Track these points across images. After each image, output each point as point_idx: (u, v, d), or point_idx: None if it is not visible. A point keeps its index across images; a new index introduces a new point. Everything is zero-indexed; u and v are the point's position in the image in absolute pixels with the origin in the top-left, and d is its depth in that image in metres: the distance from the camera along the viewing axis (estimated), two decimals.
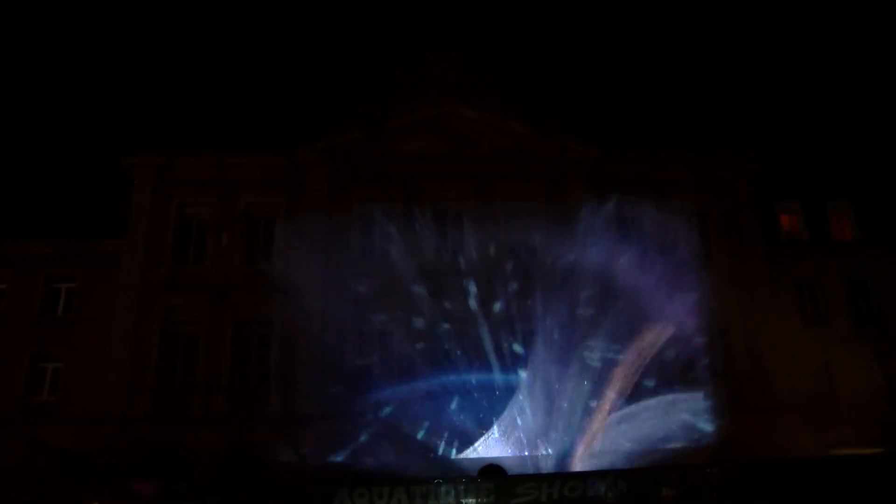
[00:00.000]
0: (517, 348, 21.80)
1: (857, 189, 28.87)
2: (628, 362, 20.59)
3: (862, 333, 25.57)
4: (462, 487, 15.47)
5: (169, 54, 59.34)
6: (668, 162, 26.99)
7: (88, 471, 17.75)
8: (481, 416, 21.22)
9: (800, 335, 24.95)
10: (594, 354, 21.03)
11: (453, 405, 21.43)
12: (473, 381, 21.74)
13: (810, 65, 57.38)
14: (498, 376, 21.57)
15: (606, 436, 20.59)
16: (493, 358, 21.72)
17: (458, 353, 22.03)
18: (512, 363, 21.67)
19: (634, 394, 20.99)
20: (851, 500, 15.44)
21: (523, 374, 21.16)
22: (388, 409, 21.05)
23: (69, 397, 23.79)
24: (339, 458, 19.80)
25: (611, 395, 20.35)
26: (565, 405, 20.42)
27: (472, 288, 22.57)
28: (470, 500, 15.23)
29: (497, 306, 22.48)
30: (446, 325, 22.44)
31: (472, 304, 22.38)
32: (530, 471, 19.16)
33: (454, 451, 20.63)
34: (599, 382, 20.99)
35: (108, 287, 24.76)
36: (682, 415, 20.96)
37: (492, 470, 18.77)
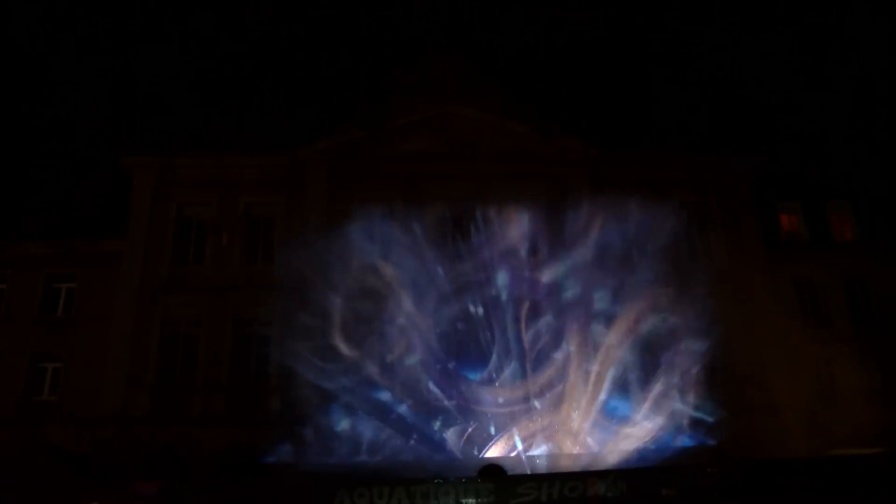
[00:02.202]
0: (519, 345, 21.78)
1: (857, 189, 28.86)
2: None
3: (862, 333, 25.51)
4: (462, 487, 15.46)
5: (169, 54, 59.34)
6: (668, 162, 27.00)
7: (88, 471, 17.73)
8: (485, 413, 21.25)
9: (799, 335, 24.91)
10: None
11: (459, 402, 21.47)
12: (473, 378, 21.78)
13: (810, 65, 57.36)
14: (498, 373, 21.58)
15: (607, 435, 20.63)
16: (494, 356, 21.73)
17: (459, 350, 22.06)
18: (513, 361, 21.67)
19: (636, 394, 21.05)
20: (851, 500, 15.42)
21: (524, 371, 21.18)
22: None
23: (69, 397, 23.79)
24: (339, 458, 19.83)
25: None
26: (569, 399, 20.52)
27: (473, 286, 22.54)
28: (470, 500, 15.20)
29: (498, 305, 22.45)
30: (446, 324, 22.43)
31: (473, 302, 22.35)
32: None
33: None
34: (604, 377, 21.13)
35: (108, 287, 24.75)
36: (682, 415, 20.98)
37: (492, 470, 18.76)
